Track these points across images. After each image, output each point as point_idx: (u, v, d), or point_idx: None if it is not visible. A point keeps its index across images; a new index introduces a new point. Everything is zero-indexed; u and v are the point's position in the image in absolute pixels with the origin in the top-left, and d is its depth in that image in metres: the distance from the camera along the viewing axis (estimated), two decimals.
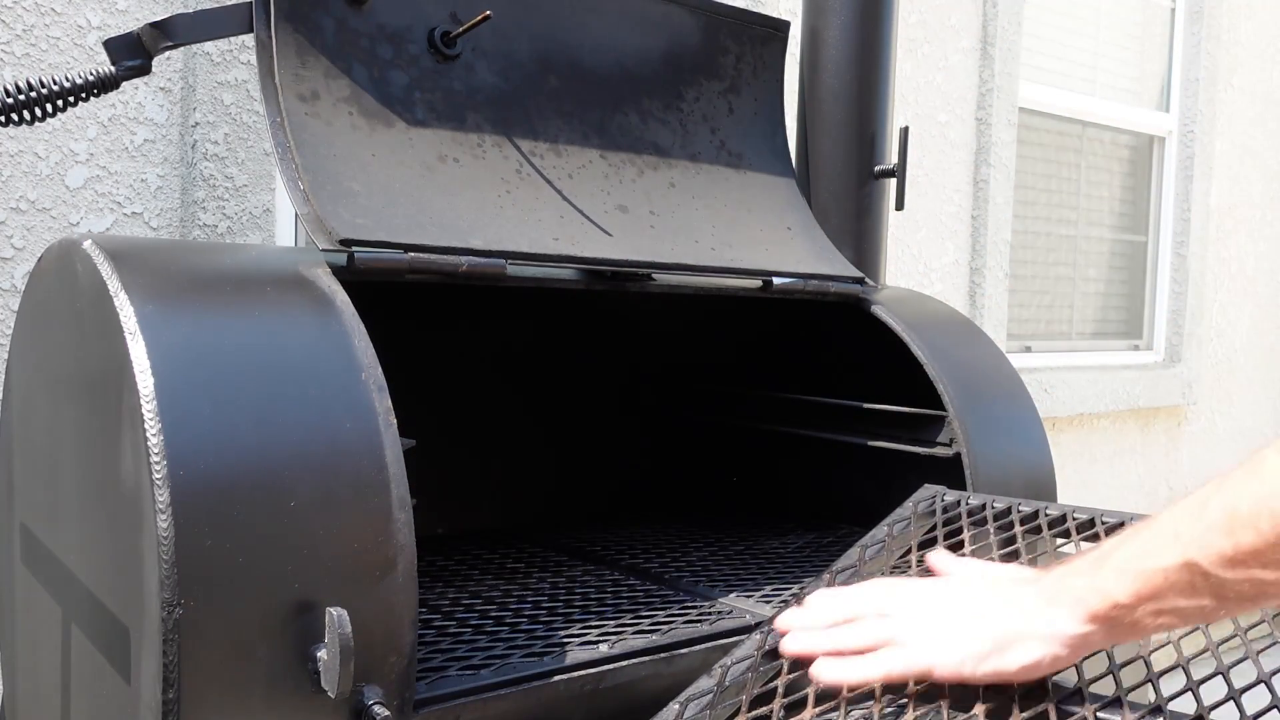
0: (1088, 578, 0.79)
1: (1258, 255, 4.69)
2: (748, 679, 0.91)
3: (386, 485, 0.93)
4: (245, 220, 2.05)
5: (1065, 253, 4.05)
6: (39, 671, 1.19)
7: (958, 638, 0.83)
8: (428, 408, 1.68)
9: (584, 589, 1.43)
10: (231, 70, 2.01)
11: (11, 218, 1.84)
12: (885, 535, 1.15)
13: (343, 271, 1.08)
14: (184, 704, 0.83)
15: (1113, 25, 4.11)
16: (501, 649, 1.15)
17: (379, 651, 0.91)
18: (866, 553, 1.11)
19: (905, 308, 1.58)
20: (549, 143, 1.40)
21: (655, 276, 1.38)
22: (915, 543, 1.15)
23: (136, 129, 1.95)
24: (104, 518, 0.96)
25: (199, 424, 0.87)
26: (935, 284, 3.44)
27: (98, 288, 0.95)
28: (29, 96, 1.19)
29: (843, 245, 1.72)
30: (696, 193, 1.53)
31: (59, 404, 1.10)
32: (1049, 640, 0.80)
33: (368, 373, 0.97)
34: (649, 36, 1.55)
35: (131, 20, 1.92)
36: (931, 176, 3.40)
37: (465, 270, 1.16)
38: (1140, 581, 0.76)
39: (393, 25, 1.30)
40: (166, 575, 0.82)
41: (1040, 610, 0.81)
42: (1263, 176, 4.68)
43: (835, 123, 1.81)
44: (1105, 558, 0.80)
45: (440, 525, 1.70)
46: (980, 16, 3.50)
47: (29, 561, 1.21)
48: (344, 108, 1.23)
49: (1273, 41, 4.65)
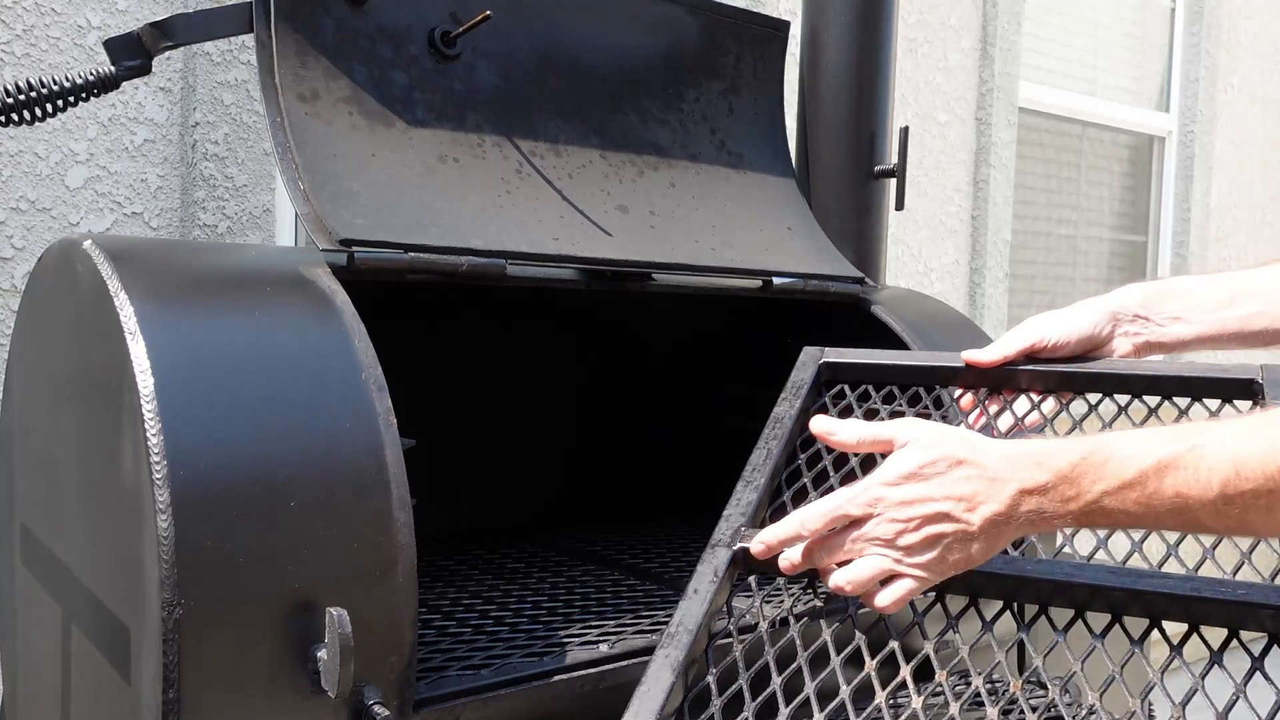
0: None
1: (1257, 255, 4.69)
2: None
3: (386, 485, 0.93)
4: (245, 220, 2.05)
5: (1065, 253, 4.05)
6: (39, 671, 1.19)
7: (946, 560, 0.85)
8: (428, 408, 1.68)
9: (584, 589, 1.43)
10: (231, 70, 2.01)
11: (11, 218, 1.84)
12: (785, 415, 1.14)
13: (343, 271, 1.08)
14: (184, 704, 0.83)
15: (1113, 25, 4.11)
16: (501, 649, 1.15)
17: (379, 651, 0.91)
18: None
19: (905, 308, 1.58)
20: (549, 143, 1.40)
21: (655, 276, 1.38)
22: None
23: (136, 129, 1.95)
24: (104, 518, 0.96)
25: (199, 424, 0.87)
26: (935, 284, 3.44)
27: (98, 288, 0.95)
28: (29, 96, 1.19)
29: (843, 245, 1.72)
30: (696, 193, 1.53)
31: (59, 404, 1.10)
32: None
33: (368, 373, 0.97)
34: (649, 36, 1.55)
35: (131, 20, 1.92)
36: (931, 176, 3.40)
37: (465, 270, 1.16)
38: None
39: (393, 25, 1.30)
40: (166, 575, 0.82)
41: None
42: (1263, 176, 4.68)
43: (835, 123, 1.81)
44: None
45: (440, 525, 1.70)
46: (980, 16, 3.51)
47: (29, 562, 1.21)
48: (344, 108, 1.23)
49: (1273, 41, 4.65)
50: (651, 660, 0.87)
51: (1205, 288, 1.10)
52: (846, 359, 1.21)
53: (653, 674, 0.86)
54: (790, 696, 0.85)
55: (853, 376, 1.21)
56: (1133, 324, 1.11)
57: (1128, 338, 1.11)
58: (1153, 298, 1.11)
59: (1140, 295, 1.11)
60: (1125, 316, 1.11)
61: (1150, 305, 1.10)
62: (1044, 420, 1.11)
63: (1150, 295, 1.11)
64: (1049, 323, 1.12)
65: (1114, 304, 1.11)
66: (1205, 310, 1.09)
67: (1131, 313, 1.11)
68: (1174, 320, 1.10)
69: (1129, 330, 1.11)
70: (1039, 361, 1.12)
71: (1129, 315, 1.11)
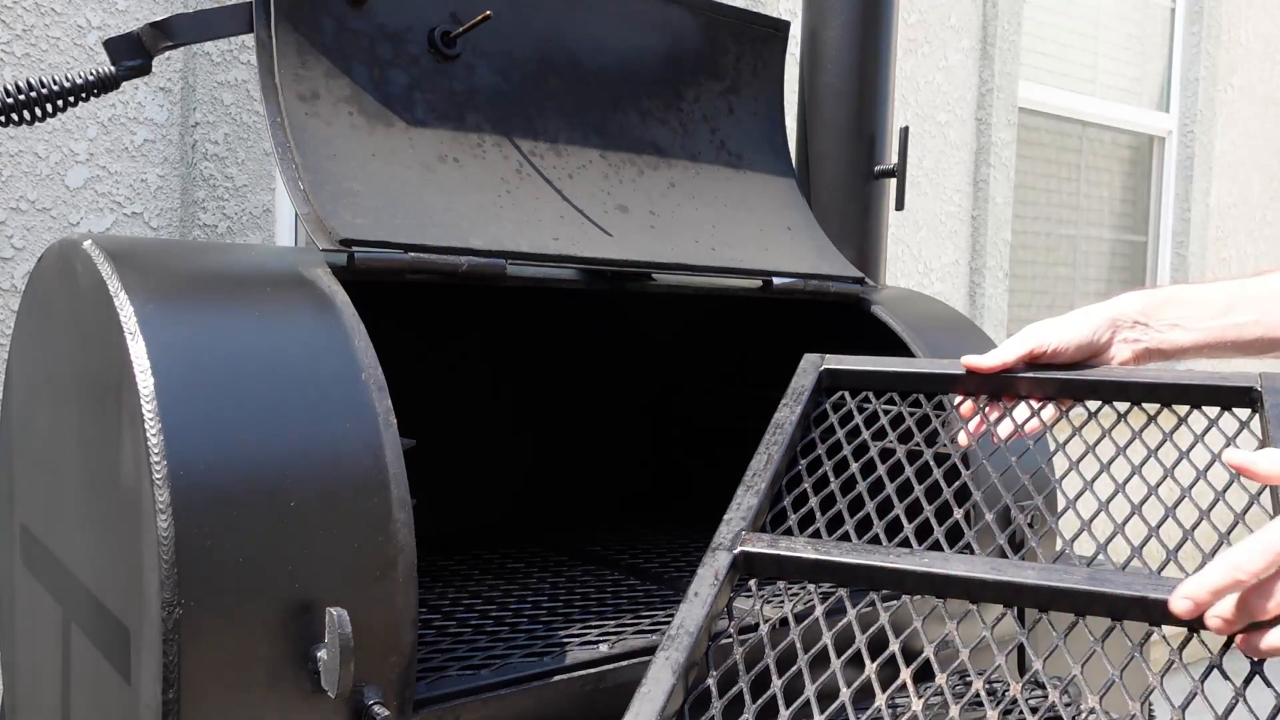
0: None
1: (1257, 255, 4.69)
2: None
3: (386, 485, 0.93)
4: (245, 220, 2.05)
5: (1065, 253, 4.05)
6: (39, 671, 1.19)
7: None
8: (428, 408, 1.68)
9: (584, 589, 1.43)
10: (231, 70, 2.01)
11: (11, 218, 1.84)
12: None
13: (343, 271, 1.08)
14: (184, 704, 0.83)
15: (1113, 25, 4.11)
16: (501, 649, 1.15)
17: (379, 651, 0.91)
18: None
19: (905, 307, 1.58)
20: (549, 143, 1.40)
21: (655, 276, 1.38)
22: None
23: (136, 129, 1.95)
24: (104, 518, 0.96)
25: (199, 424, 0.87)
26: (935, 284, 3.44)
27: (98, 288, 0.95)
28: (29, 96, 1.19)
29: (843, 245, 1.72)
30: (696, 193, 1.53)
31: (59, 404, 1.10)
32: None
33: (368, 373, 0.97)
34: (649, 36, 1.55)
35: (131, 20, 1.92)
36: (931, 176, 3.40)
37: (465, 270, 1.16)
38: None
39: (393, 25, 1.30)
40: (166, 575, 0.82)
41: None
42: (1263, 176, 4.68)
43: (835, 123, 1.81)
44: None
45: (440, 525, 1.70)
46: (980, 16, 3.50)
47: (29, 562, 1.21)
48: (344, 108, 1.23)
49: (1273, 41, 4.65)
50: (652, 662, 0.87)
51: (1204, 296, 1.11)
52: (847, 366, 1.21)
53: (653, 676, 0.86)
54: (791, 698, 0.85)
55: (853, 383, 1.22)
56: (1132, 330, 1.11)
57: (1127, 344, 1.11)
58: (1152, 305, 1.11)
59: (1140, 302, 1.12)
60: (1125, 323, 1.11)
61: (1150, 312, 1.11)
62: (1044, 427, 1.11)
63: (1150, 302, 1.12)
64: (1048, 329, 1.12)
65: (1114, 310, 1.12)
66: (1203, 318, 1.09)
67: (1131, 319, 1.11)
68: (1173, 327, 1.10)
69: (1129, 336, 1.11)
70: (1039, 367, 1.12)
71: (1129, 321, 1.11)
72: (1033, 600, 0.89)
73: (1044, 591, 0.88)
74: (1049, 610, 0.89)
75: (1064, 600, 0.88)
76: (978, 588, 0.90)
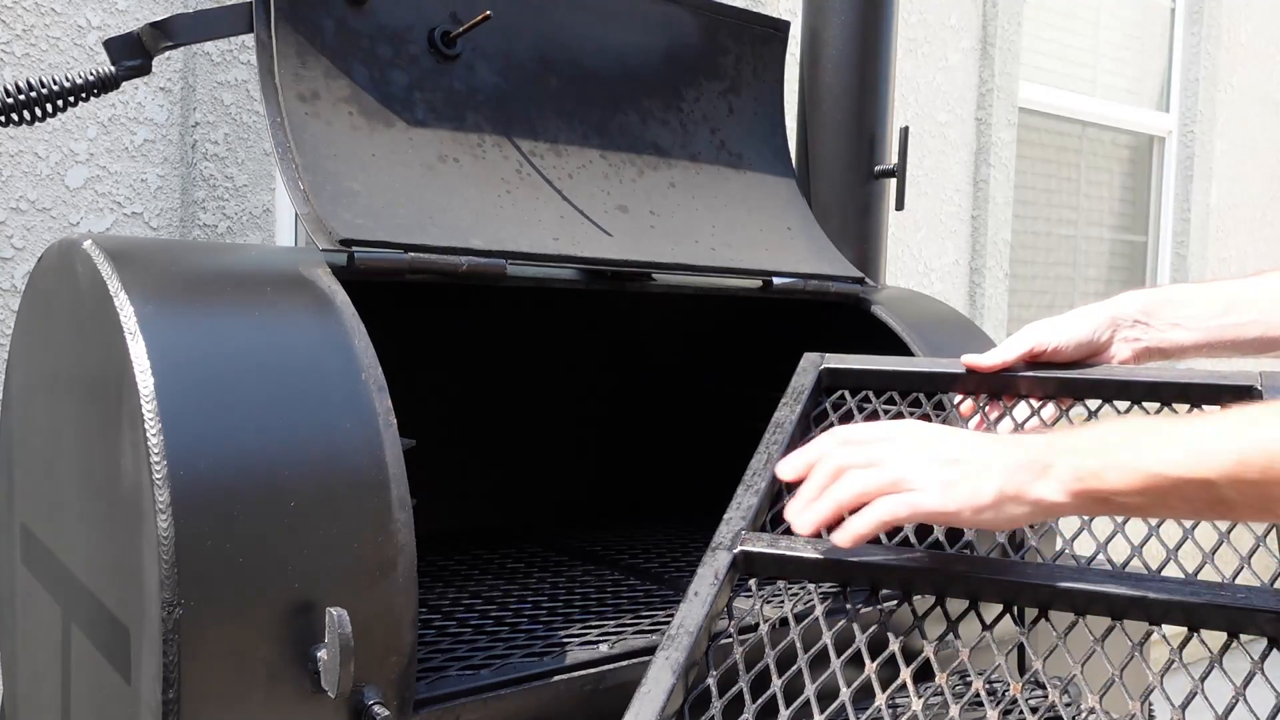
0: (1090, 462, 0.81)
1: (1258, 255, 4.69)
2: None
3: (386, 485, 0.93)
4: (245, 220, 2.05)
5: (1065, 253, 4.05)
6: (39, 671, 1.19)
7: (962, 487, 0.84)
8: (428, 408, 1.68)
9: (584, 589, 1.43)
10: (231, 70, 2.01)
11: (11, 218, 1.84)
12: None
13: (343, 271, 1.08)
14: (184, 704, 0.83)
15: (1113, 25, 4.11)
16: (501, 649, 1.15)
17: (379, 651, 0.91)
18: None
19: (905, 307, 1.58)
20: (549, 143, 1.40)
21: (655, 276, 1.38)
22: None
23: (136, 129, 1.95)
24: (104, 518, 0.96)
25: (199, 424, 0.87)
26: (935, 284, 3.44)
27: (98, 288, 0.95)
28: (29, 96, 1.19)
29: (843, 245, 1.72)
30: (696, 193, 1.53)
31: (59, 404, 1.10)
32: (1036, 508, 0.84)
33: (368, 373, 0.97)
34: (649, 36, 1.55)
35: (131, 20, 1.92)
36: (931, 176, 3.40)
37: (465, 270, 1.16)
38: (1147, 483, 0.79)
39: (393, 25, 1.30)
40: (166, 575, 0.82)
41: (1033, 479, 0.83)
42: (1263, 176, 4.68)
43: (835, 123, 1.81)
44: (1108, 448, 0.81)
45: (440, 525, 1.70)
46: (980, 16, 3.50)
47: (29, 561, 1.21)
48: (344, 108, 1.23)
49: (1273, 41, 4.65)
50: (652, 662, 0.87)
51: (1203, 296, 1.11)
52: (847, 365, 1.21)
53: (653, 676, 0.86)
54: (790, 698, 0.85)
55: (853, 382, 1.22)
56: (1133, 329, 1.11)
57: (1127, 343, 1.11)
58: (1153, 304, 1.12)
59: (1141, 302, 1.12)
60: (1125, 322, 1.11)
61: (1150, 312, 1.11)
62: (1044, 426, 1.11)
63: (1150, 302, 1.12)
64: (1049, 328, 1.12)
65: (1114, 309, 1.12)
66: (1203, 318, 1.10)
67: (1132, 318, 1.11)
68: (1173, 326, 1.11)
69: (1129, 335, 1.11)
70: (1039, 367, 1.12)
71: (1129, 321, 1.11)
72: (1033, 600, 0.89)
73: (1044, 591, 0.88)
74: (1049, 610, 0.89)
75: (1064, 600, 0.88)
76: (978, 587, 0.90)
